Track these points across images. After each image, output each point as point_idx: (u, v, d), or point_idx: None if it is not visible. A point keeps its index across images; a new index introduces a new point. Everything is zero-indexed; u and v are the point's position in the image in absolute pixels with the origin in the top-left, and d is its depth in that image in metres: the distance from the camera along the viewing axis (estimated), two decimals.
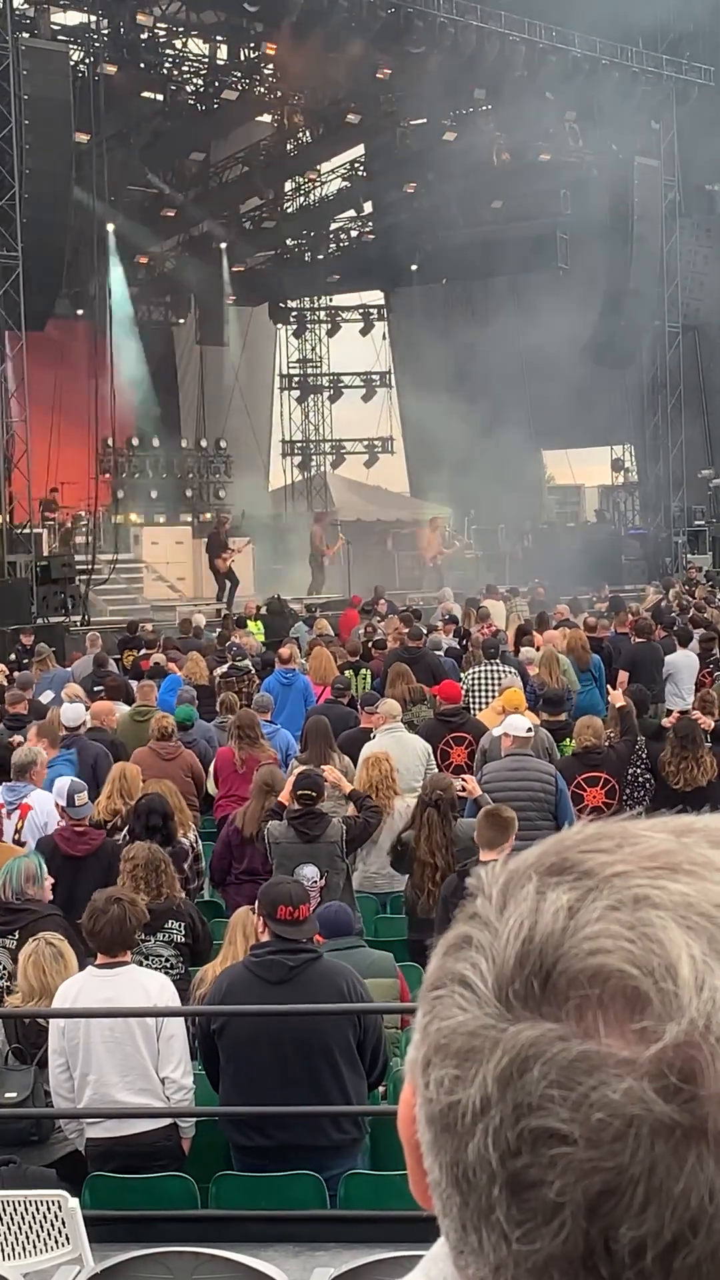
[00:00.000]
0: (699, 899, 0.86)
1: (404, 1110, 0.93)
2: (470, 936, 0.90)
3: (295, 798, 10.33)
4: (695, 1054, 0.82)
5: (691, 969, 0.84)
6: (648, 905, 0.86)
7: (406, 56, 32.54)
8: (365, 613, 27.06)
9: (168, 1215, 6.97)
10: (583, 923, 0.86)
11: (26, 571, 26.44)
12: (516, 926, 0.88)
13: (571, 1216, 0.82)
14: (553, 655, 17.85)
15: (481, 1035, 0.86)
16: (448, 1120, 0.86)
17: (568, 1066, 0.83)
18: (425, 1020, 0.90)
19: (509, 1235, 0.84)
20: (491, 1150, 0.84)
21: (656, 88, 37.16)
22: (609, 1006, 0.84)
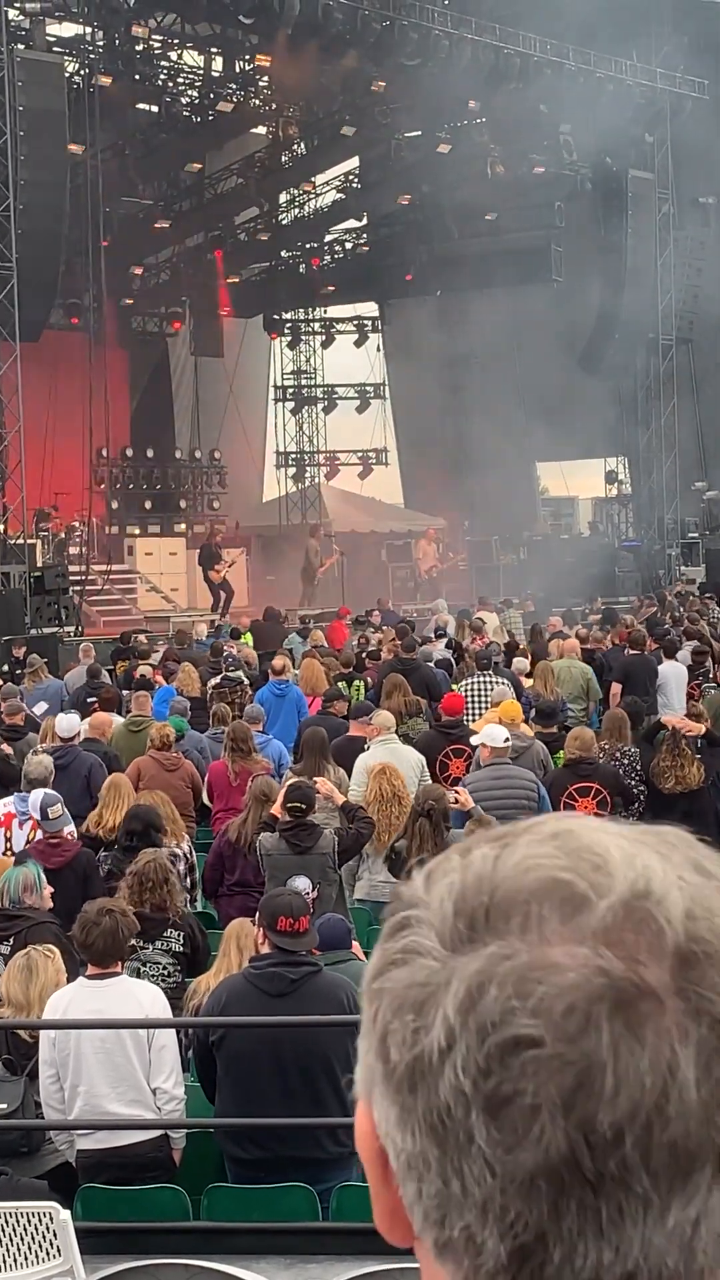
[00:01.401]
0: (610, 826, 0.93)
1: (361, 1127, 0.94)
2: (405, 917, 0.93)
3: (286, 810, 10.33)
4: (637, 914, 0.87)
5: (620, 852, 0.89)
6: (567, 833, 0.92)
7: (401, 69, 32.58)
8: (359, 624, 27.07)
9: (160, 1227, 6.96)
10: (510, 857, 0.91)
11: (20, 582, 26.42)
12: (448, 886, 0.92)
13: (550, 1117, 0.84)
14: (548, 667, 17.88)
15: (433, 980, 0.89)
16: (415, 1073, 0.88)
17: (521, 976, 0.86)
18: (373, 1003, 0.92)
19: (491, 1160, 0.85)
20: (464, 1078, 0.86)
21: (650, 101, 37.22)
22: (551, 913, 0.88)
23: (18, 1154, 7.35)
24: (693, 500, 39.89)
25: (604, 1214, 0.84)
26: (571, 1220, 0.85)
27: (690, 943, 0.87)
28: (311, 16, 29.68)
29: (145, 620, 31.53)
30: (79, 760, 13.19)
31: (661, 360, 39.29)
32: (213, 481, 41.34)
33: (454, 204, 39.07)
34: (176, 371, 42.92)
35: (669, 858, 0.91)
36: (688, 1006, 0.86)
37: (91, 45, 32.72)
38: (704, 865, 0.92)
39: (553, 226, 38.70)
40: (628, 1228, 0.85)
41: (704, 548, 38.47)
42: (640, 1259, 0.85)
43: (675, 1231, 0.85)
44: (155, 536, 37.48)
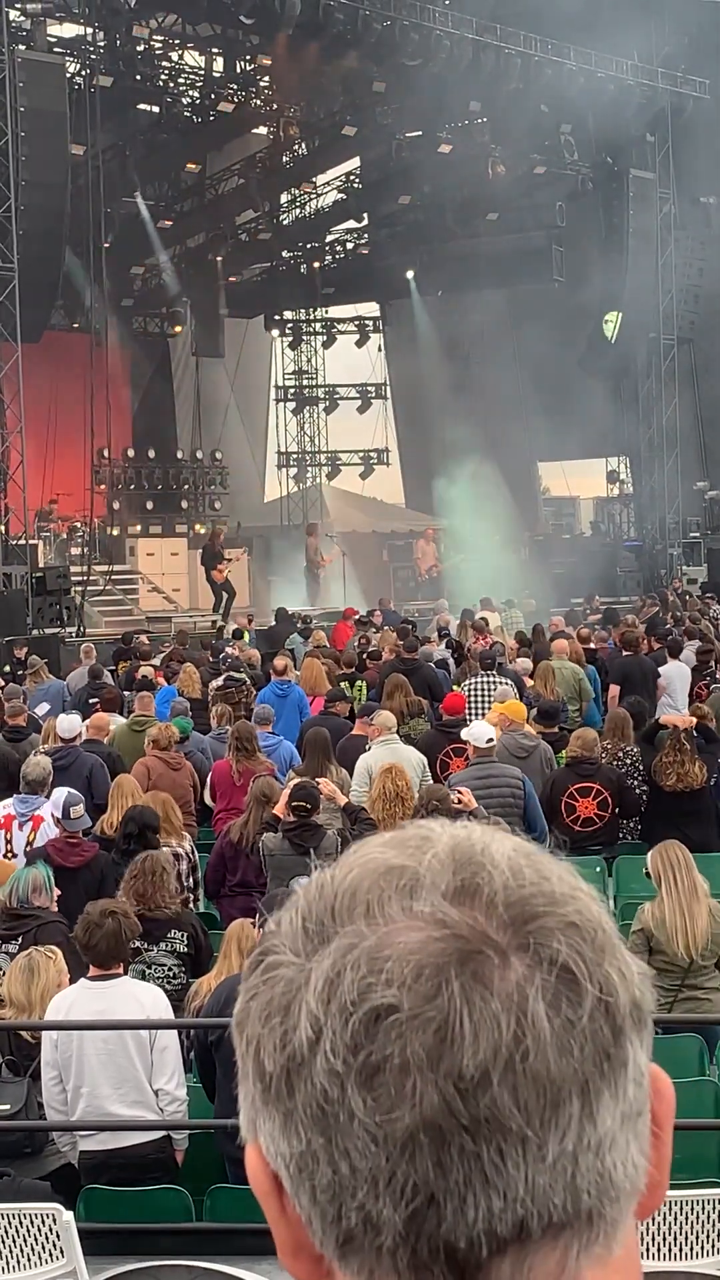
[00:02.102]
0: (435, 823, 1.00)
1: (252, 1165, 0.98)
2: (262, 950, 0.98)
3: (290, 809, 10.32)
4: (465, 860, 0.94)
5: (441, 826, 0.98)
6: (394, 834, 0.99)
7: (402, 69, 32.56)
8: (361, 624, 27.06)
9: (163, 1228, 6.95)
10: (344, 863, 0.98)
11: (22, 583, 26.42)
12: (294, 910, 0.98)
13: (419, 1074, 0.89)
14: (548, 667, 17.86)
15: (293, 984, 0.94)
16: (290, 1072, 0.93)
17: (370, 956, 0.92)
18: (242, 1036, 0.97)
19: (372, 1130, 0.89)
20: (335, 1060, 0.91)
21: (651, 101, 37.20)
22: (387, 896, 0.94)
23: (21, 1155, 7.35)
24: (694, 499, 39.89)
25: (485, 1158, 0.88)
26: (457, 1172, 0.88)
27: (518, 888, 0.93)
28: (312, 16, 29.68)
29: (147, 621, 31.52)
30: (80, 761, 13.19)
31: (663, 359, 39.28)
32: (214, 482, 41.32)
33: (455, 204, 39.05)
34: (178, 372, 42.91)
35: (487, 830, 0.98)
36: (529, 955, 0.91)
37: (92, 46, 32.72)
38: (521, 848, 0.98)
39: (554, 226, 38.66)
40: (510, 1169, 0.89)
41: (706, 547, 38.47)
42: (529, 1200, 0.89)
43: (557, 1167, 0.89)
44: (157, 537, 37.46)
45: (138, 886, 8.82)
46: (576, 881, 0.97)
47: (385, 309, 47.06)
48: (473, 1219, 0.89)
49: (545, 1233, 0.90)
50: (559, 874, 0.96)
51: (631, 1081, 0.94)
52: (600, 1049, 0.91)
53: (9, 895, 8.98)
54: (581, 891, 0.96)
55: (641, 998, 0.96)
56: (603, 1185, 0.91)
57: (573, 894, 0.95)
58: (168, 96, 36.95)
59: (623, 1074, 0.93)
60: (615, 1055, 0.92)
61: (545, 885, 0.94)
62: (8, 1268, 6.12)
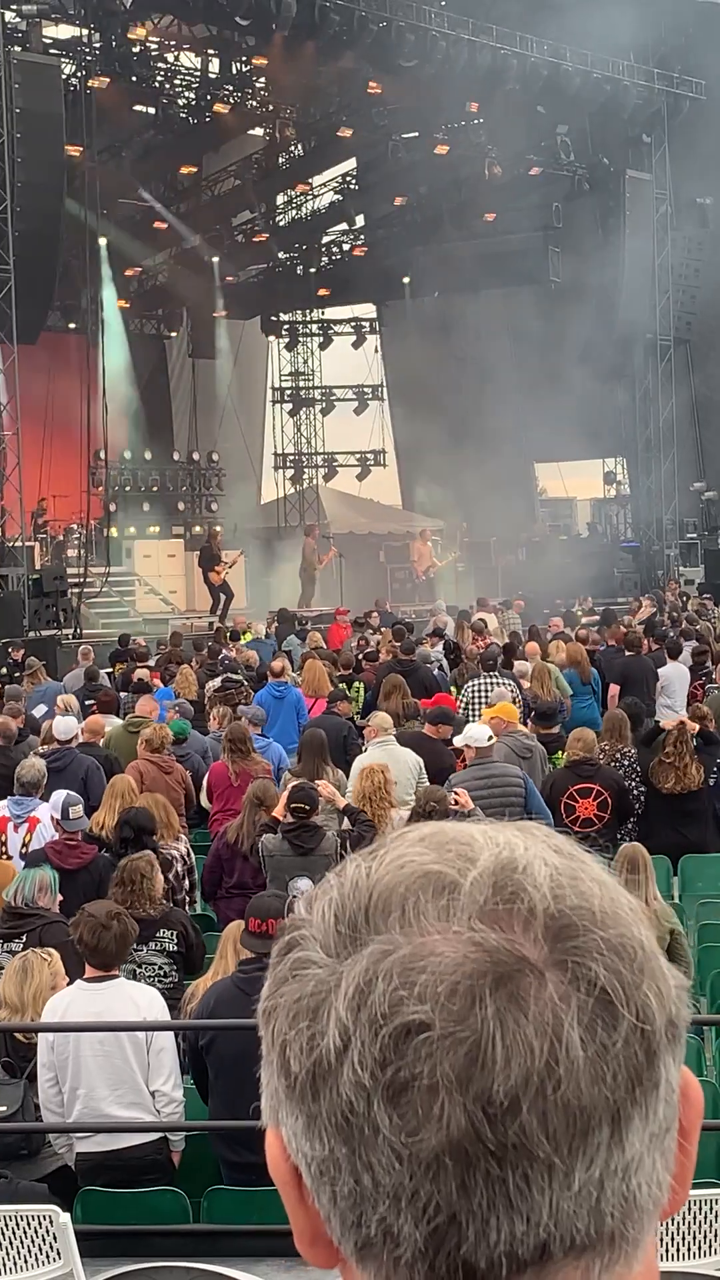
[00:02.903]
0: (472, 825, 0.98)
1: (273, 1152, 0.97)
2: (291, 939, 0.98)
3: (289, 811, 10.31)
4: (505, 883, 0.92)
5: (484, 836, 0.95)
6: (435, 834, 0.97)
7: (398, 70, 32.54)
8: (358, 625, 27.06)
9: (160, 1230, 6.94)
10: (380, 863, 0.96)
11: (18, 585, 26.40)
12: (327, 902, 0.96)
13: (448, 1095, 0.87)
14: (544, 668, 17.84)
15: (323, 987, 0.92)
16: (316, 1078, 0.91)
17: (405, 966, 0.90)
18: (269, 1027, 0.96)
19: (398, 1147, 0.88)
20: (362, 1072, 0.89)
21: (648, 101, 37.22)
22: (423, 904, 0.92)
23: (18, 1157, 7.33)
24: (691, 500, 39.89)
25: (510, 1183, 0.87)
26: (480, 1195, 0.87)
27: (559, 909, 0.91)
28: (308, 18, 29.67)
29: (144, 623, 31.50)
30: (76, 763, 13.16)
31: (659, 360, 39.27)
32: (211, 483, 41.32)
33: (451, 205, 39.07)
34: (174, 373, 42.90)
35: (530, 840, 0.96)
36: (566, 975, 0.90)
37: (88, 47, 32.70)
38: (563, 848, 0.97)
39: (550, 227, 38.68)
40: (535, 1195, 0.88)
41: (702, 548, 38.47)
42: (551, 1225, 0.88)
43: (582, 1194, 0.89)
44: (154, 539, 37.45)
45: (118, 895, 8.77)
46: (618, 898, 0.95)
47: (382, 310, 47.08)
48: (494, 1240, 0.88)
49: (567, 1255, 0.90)
50: (601, 891, 0.94)
51: (662, 1100, 0.93)
52: (633, 1074, 0.90)
53: (14, 895, 9.00)
54: (624, 909, 0.94)
55: (677, 1014, 0.94)
56: (627, 1207, 0.91)
57: (613, 913, 0.93)
58: (164, 98, 36.97)
59: (654, 1095, 0.92)
60: (648, 1078, 0.91)
61: (585, 903, 0.92)
62: (5, 1270, 6.11)
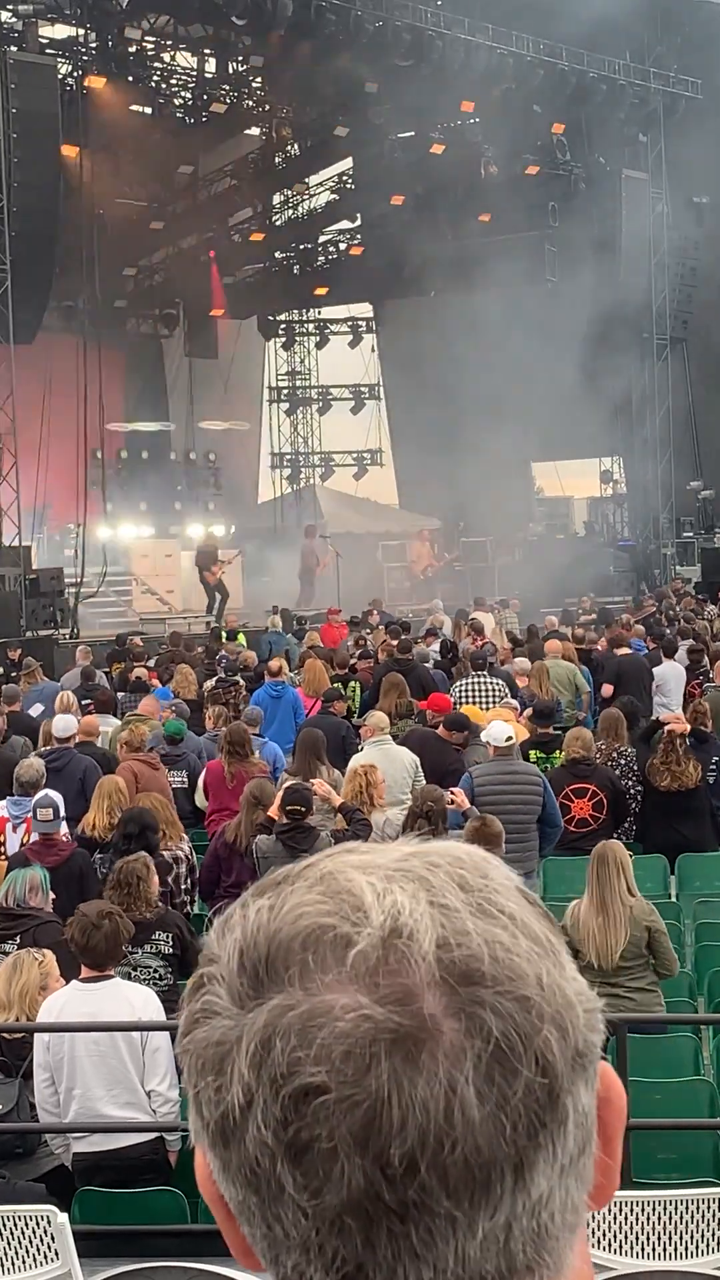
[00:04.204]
0: (376, 860, 0.97)
1: (200, 1171, 0.98)
2: (203, 974, 0.97)
3: (284, 812, 10.30)
4: (391, 954, 0.90)
5: (373, 893, 0.93)
6: (331, 876, 0.96)
7: (394, 69, 32.54)
8: (355, 625, 27.06)
9: (158, 1230, 6.93)
10: (282, 907, 0.95)
11: (15, 585, 26.39)
12: (233, 942, 0.96)
13: (346, 1158, 0.88)
14: (543, 667, 17.85)
15: (227, 1038, 0.93)
16: (225, 1129, 0.92)
17: (302, 1027, 0.90)
18: (184, 1064, 0.96)
19: (302, 1204, 0.89)
20: (265, 1131, 0.90)
21: (644, 100, 37.22)
22: (322, 960, 0.91)
23: (13, 1156, 7.33)
24: (688, 499, 39.90)
25: (414, 1237, 0.88)
26: (384, 1248, 0.88)
27: (445, 971, 0.90)
28: (304, 17, 29.68)
29: (141, 623, 31.50)
30: (74, 763, 13.15)
31: (656, 359, 39.28)
32: (208, 483, 41.31)
33: (448, 204, 39.06)
34: (171, 373, 42.90)
35: (428, 882, 0.94)
36: (460, 1025, 0.89)
37: (84, 47, 32.71)
38: (467, 880, 0.95)
39: (546, 227, 38.68)
40: (440, 1245, 0.88)
41: (699, 547, 38.48)
42: (460, 1270, 0.89)
43: (488, 1240, 0.89)
44: (150, 539, 37.45)
45: (113, 897, 8.74)
46: (518, 938, 0.93)
47: (378, 310, 47.09)
48: None
49: None
50: (497, 936, 0.93)
51: (573, 1127, 0.92)
52: (534, 1121, 0.90)
53: (5, 895, 9.01)
54: (522, 951, 0.93)
55: (585, 1044, 0.94)
56: (539, 1240, 0.91)
57: (507, 960, 0.92)
58: (160, 97, 36.98)
59: (561, 1131, 0.92)
60: (552, 1119, 0.91)
61: (475, 956, 0.91)
62: (2, 1270, 6.11)
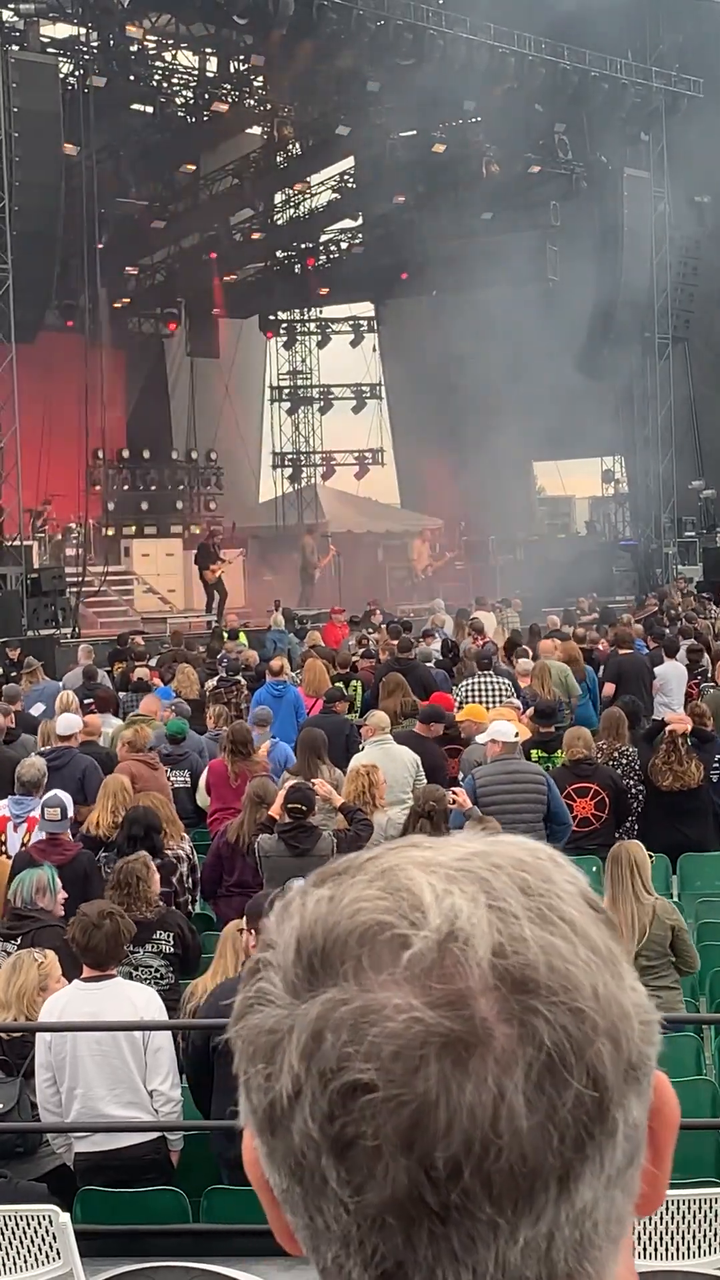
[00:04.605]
0: (438, 856, 0.96)
1: (247, 1155, 0.98)
2: (259, 960, 0.98)
3: (286, 811, 10.30)
4: (446, 958, 0.90)
5: (432, 893, 0.93)
6: (392, 871, 0.96)
7: (395, 68, 32.52)
8: (356, 624, 27.07)
9: (159, 1230, 6.93)
10: (342, 900, 0.95)
11: (17, 584, 26.39)
12: (290, 930, 0.96)
13: (391, 1157, 0.88)
14: (545, 667, 17.83)
15: (279, 1027, 0.93)
16: (272, 1118, 0.93)
17: (354, 1023, 0.90)
18: (236, 1048, 0.97)
19: (344, 1199, 0.90)
20: (311, 1124, 0.90)
21: (645, 99, 37.19)
22: (377, 957, 0.91)
23: (14, 1155, 7.33)
24: (689, 498, 39.87)
25: (454, 1241, 0.89)
26: (425, 1249, 0.89)
27: (499, 979, 0.90)
28: (306, 16, 29.66)
29: (142, 621, 31.50)
30: (74, 762, 13.13)
31: (658, 358, 39.27)
32: (209, 482, 41.32)
33: (449, 203, 39.03)
34: (172, 372, 42.90)
35: (489, 885, 0.94)
36: (512, 1033, 0.89)
37: (86, 46, 32.70)
38: (529, 884, 0.95)
39: (548, 226, 38.66)
40: (480, 1250, 0.89)
41: (701, 546, 38.46)
42: (499, 1275, 0.89)
43: (529, 1248, 0.89)
44: (152, 538, 37.46)
45: (114, 897, 8.74)
46: (577, 946, 0.93)
47: (379, 309, 47.08)
48: None
49: None
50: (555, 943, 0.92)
51: (622, 1140, 0.92)
52: (583, 1132, 0.90)
53: (14, 895, 9.01)
54: (580, 960, 0.92)
55: (639, 1057, 0.93)
56: (581, 1250, 0.91)
57: (564, 970, 0.91)
58: (161, 97, 36.96)
59: (609, 1143, 0.91)
60: (601, 1131, 0.91)
61: (533, 957, 0.91)
62: (4, 1270, 6.11)
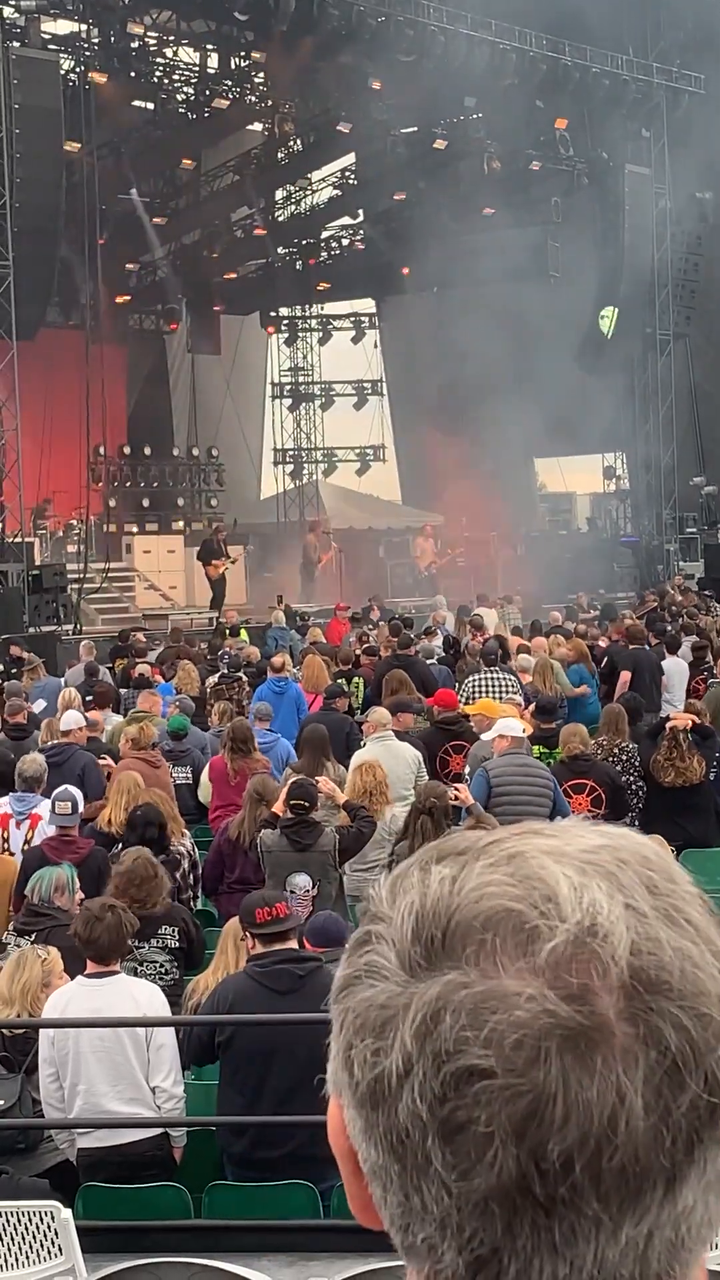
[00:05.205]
0: (565, 846, 0.95)
1: (333, 1123, 0.98)
2: (369, 932, 0.96)
3: (289, 807, 10.30)
4: (583, 953, 0.90)
5: (569, 887, 0.92)
6: (521, 857, 0.94)
7: (397, 65, 32.48)
8: (356, 620, 27.07)
9: (161, 1225, 6.94)
10: (466, 882, 0.94)
11: (18, 580, 26.39)
12: (408, 906, 0.95)
13: (502, 1145, 0.87)
14: (547, 663, 17.83)
15: (393, 1003, 0.92)
16: (376, 1093, 0.92)
17: (475, 1008, 0.89)
18: (340, 1018, 0.95)
19: (448, 1182, 0.89)
20: (420, 1104, 0.90)
21: (647, 95, 37.18)
22: (504, 944, 0.91)
23: (15, 1151, 7.34)
24: (691, 495, 39.85)
25: (556, 1233, 0.88)
26: (525, 1239, 0.88)
27: (634, 978, 0.90)
28: (307, 13, 29.66)
29: (144, 618, 31.49)
30: (74, 758, 13.13)
31: (659, 355, 39.26)
32: (210, 479, 41.31)
33: (450, 200, 39.00)
34: (174, 369, 42.89)
35: (619, 881, 0.93)
36: (637, 1033, 0.89)
37: (87, 42, 32.70)
38: (656, 883, 0.94)
39: (549, 222, 38.65)
40: (580, 1245, 0.88)
41: (702, 543, 38.45)
42: (595, 1271, 0.89)
43: (629, 1247, 0.89)
44: (153, 534, 37.48)
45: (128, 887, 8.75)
46: (704, 951, 0.92)
47: (381, 305, 47.05)
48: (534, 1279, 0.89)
49: None
50: (686, 947, 0.92)
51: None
52: (694, 1136, 0.89)
53: (32, 892, 9.03)
54: (708, 964, 0.92)
55: None
56: (674, 1252, 0.91)
57: (693, 975, 0.91)
58: (162, 93, 36.95)
59: (715, 1148, 0.91)
60: (710, 1136, 0.90)
61: (664, 966, 0.91)
62: (6, 1265, 6.11)
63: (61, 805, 10.52)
